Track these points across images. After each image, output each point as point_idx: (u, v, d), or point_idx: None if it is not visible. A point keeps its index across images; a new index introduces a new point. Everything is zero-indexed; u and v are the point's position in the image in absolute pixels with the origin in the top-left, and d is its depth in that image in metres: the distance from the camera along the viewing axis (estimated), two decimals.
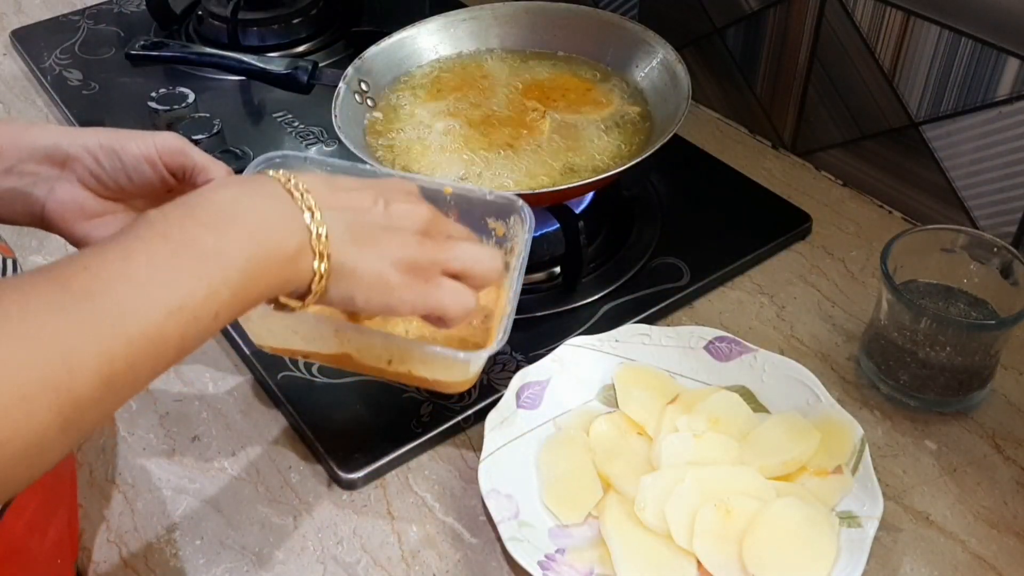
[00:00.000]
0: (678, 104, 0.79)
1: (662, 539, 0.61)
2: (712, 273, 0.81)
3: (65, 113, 1.04)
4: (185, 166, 0.62)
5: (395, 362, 0.63)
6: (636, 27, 0.87)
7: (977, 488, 0.66)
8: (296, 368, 0.73)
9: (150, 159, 0.61)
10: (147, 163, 0.61)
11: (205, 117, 0.95)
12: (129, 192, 0.62)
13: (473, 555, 0.63)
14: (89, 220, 0.62)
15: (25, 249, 0.87)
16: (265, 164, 0.65)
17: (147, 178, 0.61)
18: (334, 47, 1.15)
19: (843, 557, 0.59)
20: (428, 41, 0.90)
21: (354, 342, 0.63)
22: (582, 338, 0.73)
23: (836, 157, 0.92)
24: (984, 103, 0.78)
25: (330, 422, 0.70)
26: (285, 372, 0.73)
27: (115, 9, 1.23)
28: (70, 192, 0.61)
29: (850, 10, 0.84)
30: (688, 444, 0.66)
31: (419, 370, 0.63)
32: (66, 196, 0.61)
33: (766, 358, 0.71)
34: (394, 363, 0.63)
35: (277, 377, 0.73)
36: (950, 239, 0.71)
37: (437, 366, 0.63)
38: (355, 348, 0.63)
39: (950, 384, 0.69)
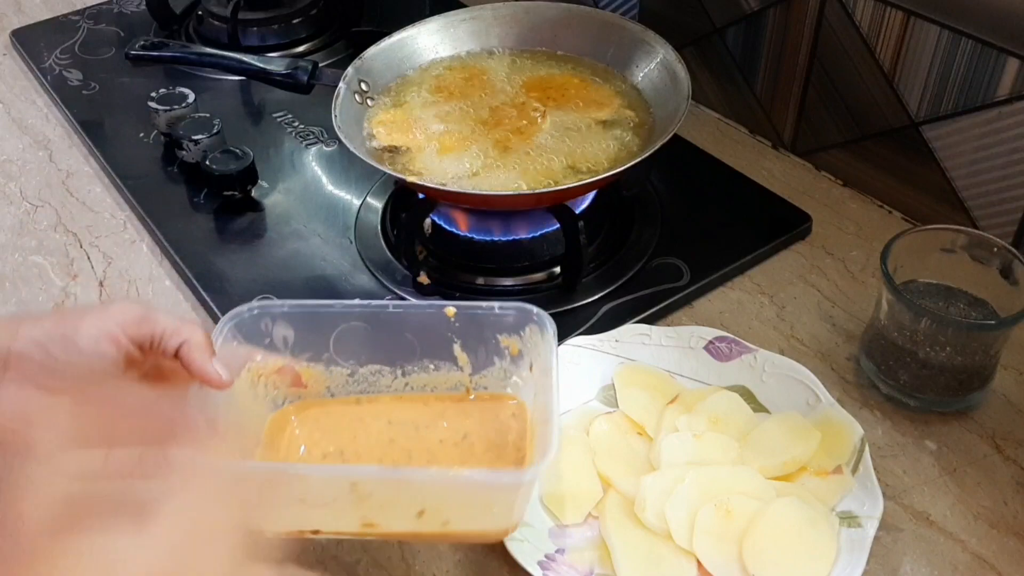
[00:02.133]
0: (678, 104, 0.79)
1: (662, 539, 0.61)
2: (712, 273, 0.81)
3: (65, 113, 1.04)
4: (152, 335, 0.55)
5: (428, 513, 0.54)
6: (636, 27, 0.87)
7: (977, 488, 0.66)
8: None
9: (111, 337, 0.54)
10: (108, 342, 0.54)
11: (205, 117, 0.95)
12: (88, 380, 0.54)
13: (473, 555, 0.63)
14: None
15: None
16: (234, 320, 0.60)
17: (109, 359, 0.54)
18: (334, 47, 1.15)
19: (843, 557, 0.59)
20: (428, 41, 0.90)
21: (377, 495, 0.54)
22: (582, 338, 0.73)
23: (836, 157, 0.92)
24: (984, 103, 0.78)
25: None
26: None
27: (115, 9, 1.23)
28: (16, 397, 0.51)
29: (850, 10, 0.84)
30: (688, 444, 0.66)
31: (457, 520, 0.55)
32: (11, 404, 0.51)
33: (766, 358, 0.71)
34: (427, 514, 0.54)
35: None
36: (950, 239, 0.71)
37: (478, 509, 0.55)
38: (378, 504, 0.54)
39: (950, 384, 0.69)
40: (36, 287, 0.84)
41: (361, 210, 0.89)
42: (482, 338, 0.63)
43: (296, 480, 0.54)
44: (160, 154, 0.98)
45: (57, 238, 0.89)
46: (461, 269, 0.82)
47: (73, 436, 0.49)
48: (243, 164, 0.89)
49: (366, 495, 0.54)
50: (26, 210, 0.93)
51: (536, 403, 0.62)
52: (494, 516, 0.56)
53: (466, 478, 0.55)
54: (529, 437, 0.62)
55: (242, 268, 0.84)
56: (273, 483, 0.54)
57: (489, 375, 0.65)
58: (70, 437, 0.49)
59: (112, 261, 0.87)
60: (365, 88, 0.85)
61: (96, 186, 0.96)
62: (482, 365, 0.65)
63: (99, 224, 0.91)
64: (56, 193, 0.95)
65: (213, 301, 0.80)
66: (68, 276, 0.85)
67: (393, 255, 0.84)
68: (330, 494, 0.55)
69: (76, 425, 0.49)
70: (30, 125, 1.05)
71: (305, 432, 0.63)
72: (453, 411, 0.65)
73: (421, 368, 0.65)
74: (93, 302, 0.82)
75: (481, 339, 0.63)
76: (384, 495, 0.55)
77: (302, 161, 0.97)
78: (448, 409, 0.65)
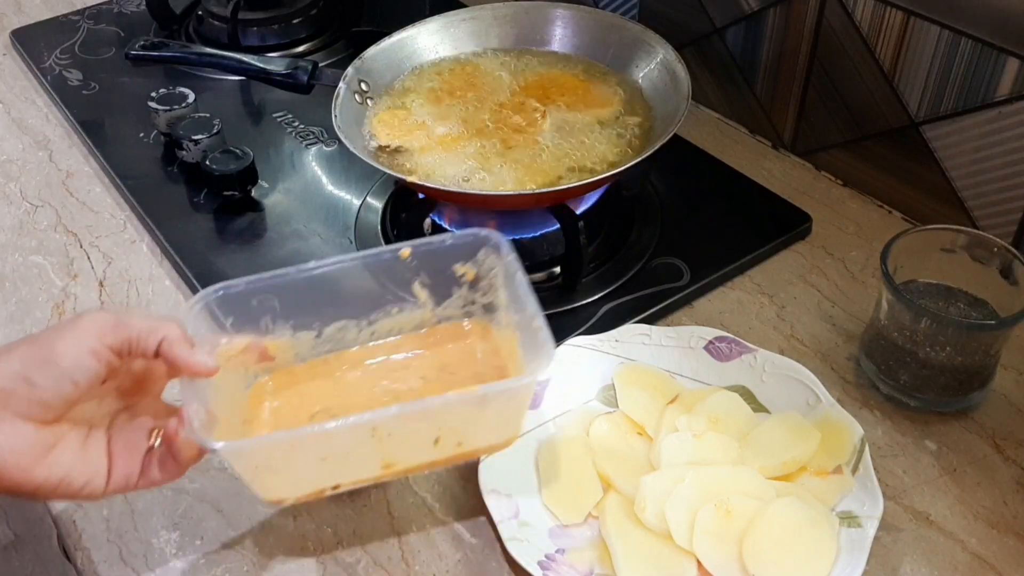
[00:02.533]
0: (678, 104, 0.79)
1: (662, 539, 0.61)
2: (712, 273, 0.81)
3: (65, 113, 1.04)
4: (129, 338, 0.55)
5: (443, 438, 0.57)
6: (636, 27, 0.87)
7: (977, 488, 0.66)
8: None
9: (91, 350, 0.53)
10: (89, 356, 0.53)
11: (205, 117, 0.95)
12: (74, 400, 0.54)
13: (473, 555, 0.63)
14: (44, 459, 0.53)
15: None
16: (202, 301, 0.60)
17: (93, 373, 0.53)
18: (334, 47, 1.15)
19: (843, 557, 0.59)
20: (428, 41, 0.90)
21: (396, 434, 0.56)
22: (582, 338, 0.73)
23: (836, 157, 0.92)
24: (984, 103, 0.78)
25: None
26: None
27: (115, 9, 1.23)
28: (13, 435, 0.52)
29: (850, 10, 0.84)
30: (688, 444, 0.66)
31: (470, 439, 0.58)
32: (12, 442, 0.52)
33: (766, 358, 0.71)
34: (443, 440, 0.57)
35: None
36: (950, 239, 0.71)
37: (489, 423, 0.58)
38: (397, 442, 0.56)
39: (950, 384, 0.69)
40: (36, 287, 0.84)
41: (361, 210, 0.89)
42: (438, 271, 0.64)
43: (319, 439, 0.54)
44: (160, 154, 0.98)
45: (57, 238, 0.89)
46: None
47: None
48: (243, 164, 0.89)
49: (385, 436, 0.55)
50: (26, 210, 0.93)
51: (509, 315, 0.64)
52: (502, 427, 0.59)
53: (484, 393, 0.56)
54: (506, 350, 0.64)
55: (242, 268, 0.84)
56: (295, 448, 0.55)
57: (450, 306, 0.66)
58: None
59: (112, 261, 0.87)
60: (365, 88, 0.85)
61: (96, 186, 0.96)
62: (442, 297, 0.66)
63: (99, 224, 0.91)
64: (56, 193, 0.95)
65: None
66: (68, 276, 0.85)
67: None
68: (352, 444, 0.56)
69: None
70: (30, 125, 1.05)
71: (285, 400, 0.63)
72: (419, 347, 0.66)
73: (384, 314, 0.66)
74: (93, 302, 0.82)
75: (437, 273, 0.64)
76: (403, 432, 0.56)
77: (302, 161, 0.97)
78: (415, 347, 0.66)
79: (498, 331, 0.66)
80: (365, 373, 0.65)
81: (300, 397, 0.63)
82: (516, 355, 0.63)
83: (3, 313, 0.82)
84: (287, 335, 0.64)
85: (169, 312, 0.81)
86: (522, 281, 0.61)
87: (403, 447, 0.57)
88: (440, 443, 0.57)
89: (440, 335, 0.67)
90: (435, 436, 0.57)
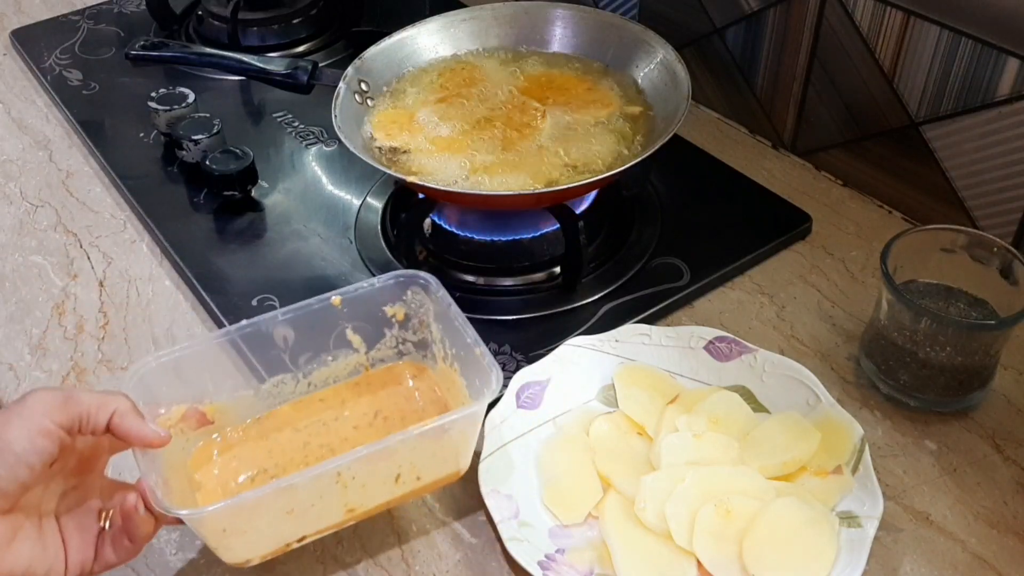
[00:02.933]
0: (678, 104, 0.79)
1: (662, 539, 0.61)
2: (712, 273, 0.81)
3: (65, 113, 1.04)
4: (80, 415, 0.54)
5: (403, 475, 0.59)
6: (636, 27, 0.87)
7: (977, 488, 0.66)
8: None
9: (43, 431, 0.52)
10: (42, 437, 0.52)
11: (205, 117, 0.95)
12: (29, 485, 0.53)
13: (473, 555, 0.63)
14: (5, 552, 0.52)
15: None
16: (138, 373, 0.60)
17: (47, 455, 0.52)
18: (334, 47, 1.15)
19: (843, 557, 0.59)
20: (428, 41, 0.90)
21: (359, 477, 0.57)
22: (582, 338, 0.73)
23: (836, 157, 0.92)
24: (984, 103, 0.78)
25: None
26: None
27: (115, 9, 1.23)
28: None
29: (850, 10, 0.84)
30: (688, 444, 0.66)
31: (427, 472, 0.60)
32: None
33: (766, 358, 0.71)
34: (403, 477, 0.59)
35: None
36: (950, 239, 0.71)
37: (444, 455, 0.60)
38: (360, 485, 0.58)
39: (950, 384, 0.69)
40: (36, 287, 0.84)
41: (361, 210, 0.89)
42: (369, 315, 0.65)
43: (286, 493, 0.55)
44: (160, 154, 0.98)
45: (57, 238, 0.89)
46: (461, 269, 0.82)
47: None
48: (243, 164, 0.89)
49: (350, 480, 0.57)
50: (26, 210, 0.93)
51: (444, 349, 0.66)
52: (457, 456, 0.61)
53: (443, 424, 0.58)
54: (444, 385, 0.66)
55: (242, 268, 0.84)
56: (263, 505, 0.55)
57: (383, 347, 0.68)
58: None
59: (112, 261, 0.87)
60: (365, 88, 0.85)
61: (96, 186, 0.96)
62: (374, 340, 0.68)
63: (99, 224, 0.91)
64: (56, 193, 0.95)
65: (213, 301, 0.80)
66: (68, 276, 0.85)
67: (393, 255, 0.84)
68: (317, 493, 0.57)
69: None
70: (30, 125, 1.05)
71: (224, 465, 0.64)
72: (352, 395, 0.67)
73: (320, 364, 0.67)
74: (93, 302, 0.82)
75: (368, 316, 0.65)
76: (366, 474, 0.57)
77: (302, 161, 0.97)
78: (346, 395, 0.67)
79: (433, 367, 0.68)
80: (296, 430, 0.66)
81: (238, 461, 0.64)
82: (456, 386, 0.65)
83: (3, 313, 0.82)
84: (224, 396, 0.65)
85: (169, 312, 0.81)
86: (457, 314, 0.63)
87: (366, 489, 0.58)
88: (400, 480, 0.59)
89: (373, 381, 0.68)
90: (396, 474, 0.59)
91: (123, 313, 0.81)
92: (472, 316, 0.77)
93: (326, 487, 0.56)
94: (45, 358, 0.78)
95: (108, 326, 0.80)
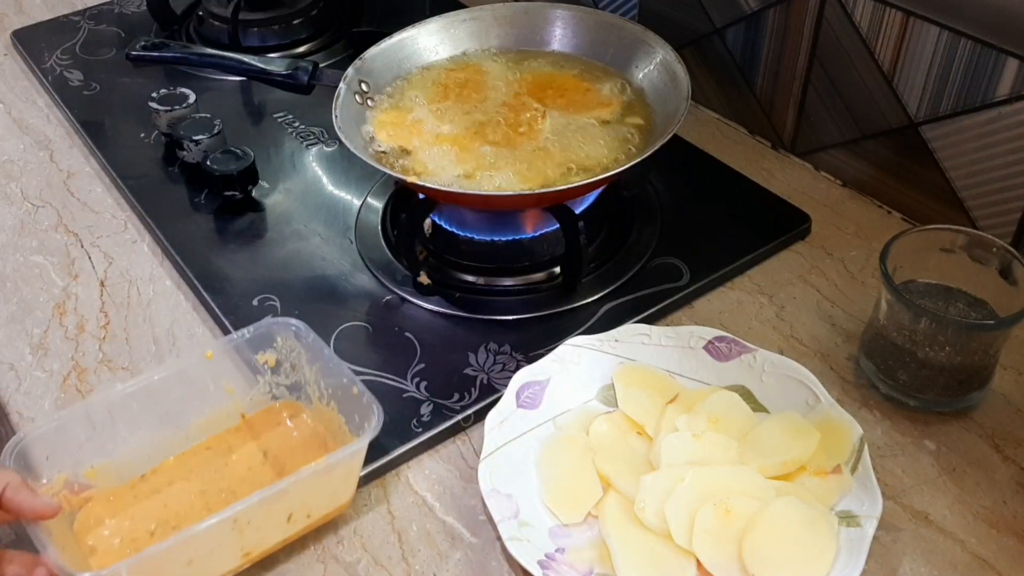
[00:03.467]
0: (678, 104, 0.79)
1: (662, 539, 0.61)
2: (712, 273, 0.81)
3: (66, 113, 1.04)
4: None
5: (295, 514, 0.61)
6: (636, 27, 0.87)
7: (976, 488, 0.66)
8: None
9: None
10: None
11: (206, 118, 0.95)
12: None
13: (473, 555, 0.63)
14: None
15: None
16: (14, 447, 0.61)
17: None
18: (334, 47, 1.15)
19: (842, 557, 0.59)
20: (428, 42, 0.90)
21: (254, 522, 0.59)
22: (582, 338, 0.73)
23: (836, 157, 0.93)
24: (983, 103, 0.78)
25: None
26: None
27: (115, 10, 1.23)
28: None
29: (850, 10, 0.84)
30: (688, 444, 0.66)
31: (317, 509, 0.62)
32: None
33: (765, 358, 0.71)
34: (294, 516, 0.61)
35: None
36: (949, 239, 0.71)
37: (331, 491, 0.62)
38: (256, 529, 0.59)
39: (949, 384, 0.69)
40: (37, 287, 0.84)
41: (362, 210, 0.89)
42: (242, 363, 0.67)
43: (187, 544, 0.56)
44: (161, 154, 0.98)
45: (58, 238, 0.89)
46: (461, 269, 0.82)
47: None
48: (244, 164, 0.89)
49: (246, 525, 0.58)
50: (27, 210, 0.93)
51: (320, 389, 0.67)
52: (343, 490, 0.63)
53: (333, 462, 0.60)
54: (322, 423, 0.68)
55: (242, 268, 0.84)
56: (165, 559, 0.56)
57: (256, 392, 0.69)
58: None
59: (113, 261, 0.87)
60: (365, 89, 0.85)
61: (97, 186, 0.96)
62: (248, 387, 0.69)
63: (100, 224, 0.91)
64: (57, 193, 0.95)
65: (213, 301, 0.80)
66: (69, 276, 0.85)
67: (393, 255, 0.84)
68: (216, 540, 0.58)
69: None
70: (31, 125, 1.05)
71: (117, 526, 0.64)
72: (236, 440, 0.69)
73: (197, 415, 0.68)
74: (94, 302, 0.83)
75: (241, 365, 0.67)
76: (261, 518, 0.59)
77: (303, 161, 0.97)
78: (231, 441, 0.69)
79: (308, 407, 0.69)
80: (192, 480, 0.66)
81: (132, 519, 0.64)
82: (335, 422, 0.66)
83: (4, 313, 0.82)
84: (104, 459, 0.65)
85: (169, 312, 0.81)
86: (331, 356, 0.66)
87: (260, 532, 0.60)
88: (292, 519, 0.61)
89: (254, 424, 0.69)
90: (288, 514, 0.60)
91: (124, 313, 0.82)
92: (472, 316, 0.78)
93: (224, 533, 0.58)
94: (46, 358, 0.78)
95: (109, 326, 0.80)
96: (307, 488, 0.60)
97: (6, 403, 0.74)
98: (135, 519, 0.64)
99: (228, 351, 0.68)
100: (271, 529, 0.61)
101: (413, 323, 0.78)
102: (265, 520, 0.60)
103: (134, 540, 0.63)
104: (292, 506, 0.60)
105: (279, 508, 0.60)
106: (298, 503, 0.60)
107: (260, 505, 0.58)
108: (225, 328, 0.78)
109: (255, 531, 0.59)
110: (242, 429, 0.69)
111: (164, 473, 0.67)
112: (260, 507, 0.58)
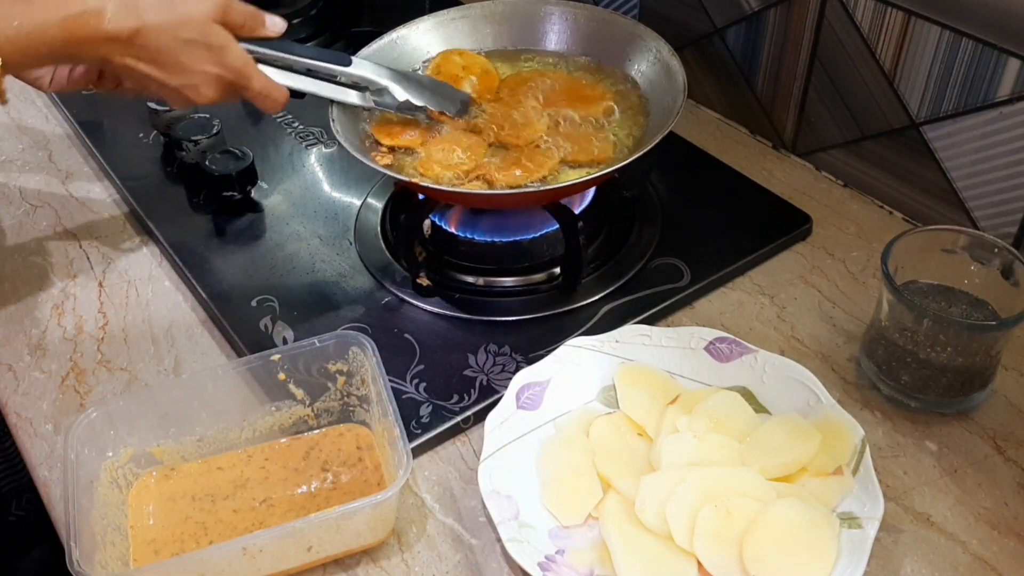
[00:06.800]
0: (675, 98, 0.79)
1: (662, 540, 0.61)
2: (712, 274, 0.81)
3: (65, 113, 1.04)
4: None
5: (315, 546, 0.61)
6: (628, 22, 0.87)
7: (978, 489, 0.66)
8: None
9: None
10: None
11: (205, 118, 0.95)
12: None
13: (473, 556, 0.63)
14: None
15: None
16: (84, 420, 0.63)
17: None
18: (334, 47, 1.14)
19: (844, 558, 0.59)
20: (421, 40, 0.90)
21: (268, 549, 0.59)
22: (582, 339, 0.73)
23: (836, 157, 0.92)
24: (985, 103, 0.77)
25: None
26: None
27: None
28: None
29: (850, 10, 0.84)
30: (689, 445, 0.66)
31: (343, 543, 0.62)
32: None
33: (766, 359, 0.71)
34: (315, 548, 0.61)
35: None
36: (951, 240, 0.71)
37: (362, 526, 0.62)
38: (270, 555, 0.60)
39: (951, 385, 0.69)
40: (36, 287, 0.84)
41: (361, 211, 0.89)
42: (311, 370, 0.68)
43: (195, 562, 0.58)
44: (159, 155, 0.98)
45: (56, 239, 0.89)
46: (461, 270, 0.82)
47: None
48: (242, 165, 0.89)
49: (257, 553, 0.59)
50: (26, 210, 0.93)
51: (378, 427, 0.68)
52: (374, 530, 0.62)
53: (342, 513, 0.59)
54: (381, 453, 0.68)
55: (241, 269, 0.83)
56: (174, 574, 0.58)
57: (327, 399, 0.70)
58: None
59: (112, 261, 0.87)
60: None
61: (96, 187, 0.96)
62: (318, 393, 0.70)
63: (98, 224, 0.91)
64: (56, 193, 0.95)
65: (212, 302, 0.80)
66: (68, 276, 0.85)
67: (393, 256, 0.84)
68: (225, 563, 0.59)
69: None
70: (30, 126, 1.05)
71: (161, 506, 0.66)
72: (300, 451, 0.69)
73: (265, 413, 0.69)
74: (92, 302, 0.82)
75: (310, 372, 0.68)
76: (275, 547, 0.59)
77: (302, 162, 0.97)
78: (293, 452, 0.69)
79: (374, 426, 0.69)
80: (237, 485, 0.67)
81: (174, 503, 0.66)
82: (387, 453, 0.66)
83: (3, 313, 0.82)
84: (171, 442, 0.67)
85: (168, 313, 0.81)
86: (384, 386, 0.65)
87: (276, 558, 0.60)
88: (313, 550, 0.61)
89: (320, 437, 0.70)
90: (308, 546, 0.61)
91: (122, 314, 0.81)
92: (472, 317, 0.78)
93: (234, 558, 0.58)
94: (44, 358, 0.77)
95: (107, 326, 0.80)
96: (324, 529, 0.60)
97: (4, 404, 0.74)
98: (175, 512, 0.65)
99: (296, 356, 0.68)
100: (289, 557, 0.61)
101: (412, 324, 0.78)
102: (280, 549, 0.60)
103: (169, 528, 0.64)
104: (310, 541, 0.60)
105: (293, 542, 0.60)
106: (316, 539, 0.60)
107: (275, 539, 0.59)
108: (224, 328, 0.78)
109: (270, 557, 0.60)
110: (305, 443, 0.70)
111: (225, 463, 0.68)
112: (273, 539, 0.59)
